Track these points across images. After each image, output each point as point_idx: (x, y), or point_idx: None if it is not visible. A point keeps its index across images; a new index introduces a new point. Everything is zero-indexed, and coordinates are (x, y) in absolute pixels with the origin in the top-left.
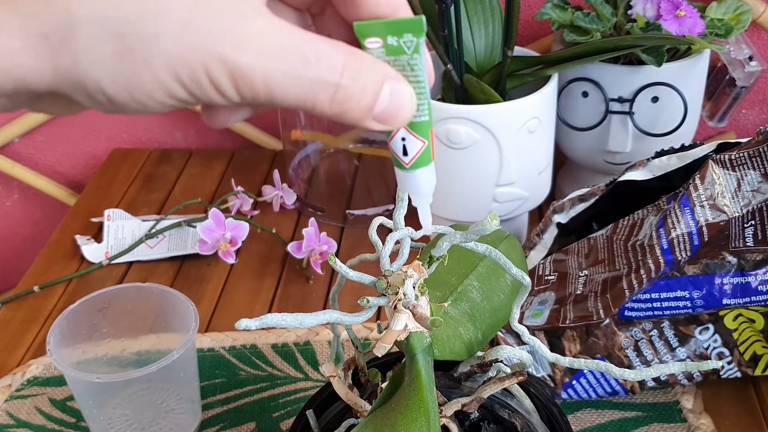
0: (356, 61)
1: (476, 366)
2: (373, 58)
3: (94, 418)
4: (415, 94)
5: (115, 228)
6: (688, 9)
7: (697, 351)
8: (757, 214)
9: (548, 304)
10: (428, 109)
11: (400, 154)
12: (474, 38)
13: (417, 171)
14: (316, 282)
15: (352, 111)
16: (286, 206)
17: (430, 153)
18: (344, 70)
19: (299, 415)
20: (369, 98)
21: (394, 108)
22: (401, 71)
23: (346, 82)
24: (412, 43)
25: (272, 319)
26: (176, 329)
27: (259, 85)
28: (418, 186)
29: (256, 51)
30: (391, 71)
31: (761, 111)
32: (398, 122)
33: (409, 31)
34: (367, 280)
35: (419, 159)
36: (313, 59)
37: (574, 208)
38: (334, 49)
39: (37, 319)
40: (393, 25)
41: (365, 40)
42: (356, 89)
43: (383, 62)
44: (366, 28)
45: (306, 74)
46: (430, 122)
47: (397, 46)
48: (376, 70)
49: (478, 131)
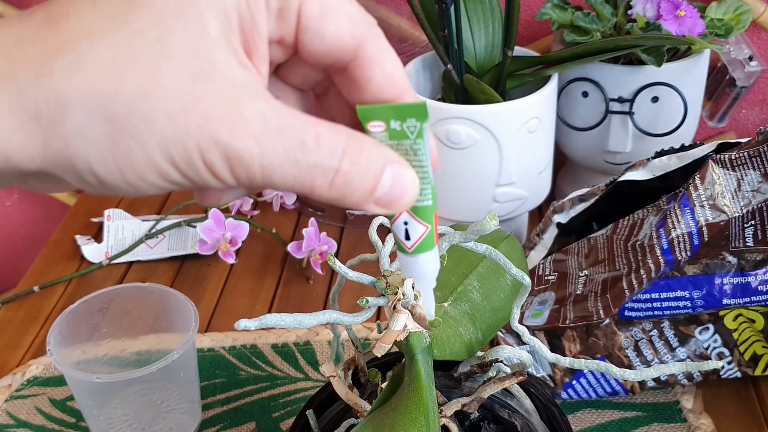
0: (357, 145)
1: (476, 366)
2: (374, 142)
3: (94, 418)
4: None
5: (115, 228)
6: (688, 9)
7: (697, 351)
8: (757, 214)
9: (548, 304)
10: (432, 193)
11: (402, 239)
12: (474, 38)
13: (420, 256)
14: (316, 282)
15: (351, 196)
16: (286, 206)
17: (433, 237)
18: (344, 155)
19: (299, 415)
20: (369, 183)
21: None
22: (404, 155)
23: (345, 166)
24: (416, 127)
25: (271, 320)
26: (176, 329)
27: (255, 170)
28: (421, 271)
29: (254, 135)
30: (393, 155)
31: (761, 111)
32: (400, 207)
33: (413, 116)
34: (367, 280)
35: (422, 244)
36: (312, 143)
37: (574, 208)
38: (334, 132)
39: (37, 319)
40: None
41: (368, 124)
42: (356, 174)
43: (385, 146)
44: (369, 112)
45: (304, 159)
46: (434, 207)
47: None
48: (377, 154)
49: (478, 131)
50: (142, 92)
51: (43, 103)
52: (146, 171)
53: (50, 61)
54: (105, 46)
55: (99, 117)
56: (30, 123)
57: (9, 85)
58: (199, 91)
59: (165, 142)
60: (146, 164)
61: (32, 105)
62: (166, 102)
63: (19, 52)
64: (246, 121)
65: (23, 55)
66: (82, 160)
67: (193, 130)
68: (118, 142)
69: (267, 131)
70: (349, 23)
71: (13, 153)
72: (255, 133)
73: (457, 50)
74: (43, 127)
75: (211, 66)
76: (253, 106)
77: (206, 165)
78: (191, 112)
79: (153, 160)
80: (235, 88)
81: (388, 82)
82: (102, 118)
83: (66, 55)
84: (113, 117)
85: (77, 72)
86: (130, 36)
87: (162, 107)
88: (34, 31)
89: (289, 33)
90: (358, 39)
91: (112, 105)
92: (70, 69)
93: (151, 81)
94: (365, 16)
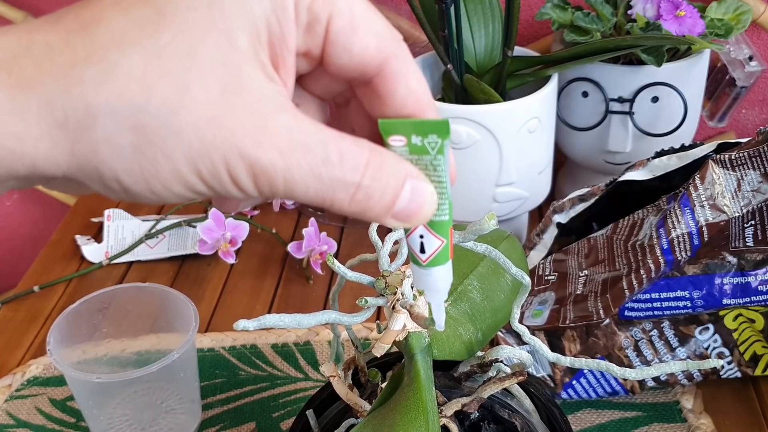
0: (378, 160)
1: (476, 366)
2: (395, 156)
3: (94, 418)
4: (437, 193)
5: (115, 228)
6: (688, 9)
7: (697, 351)
8: (757, 214)
9: (548, 304)
10: (449, 208)
11: (417, 251)
12: (474, 38)
13: (434, 269)
14: (316, 282)
15: (371, 210)
16: (286, 206)
17: (448, 252)
18: (366, 170)
19: (299, 415)
20: (389, 197)
21: (414, 207)
22: (423, 170)
23: (367, 181)
24: (437, 144)
25: (271, 320)
26: (176, 329)
27: (279, 183)
28: (434, 284)
29: (279, 148)
30: (413, 170)
31: (761, 111)
32: (418, 221)
33: (434, 132)
34: (366, 280)
35: (436, 257)
36: (336, 159)
37: (574, 208)
38: (357, 147)
39: (37, 319)
40: (419, 125)
41: (389, 138)
42: (377, 188)
43: (405, 160)
44: (391, 126)
45: (327, 174)
46: (451, 221)
47: (421, 146)
48: (397, 169)
49: (478, 131)
50: (171, 104)
51: (72, 111)
52: (172, 181)
53: (80, 70)
54: (136, 57)
55: (127, 127)
56: (58, 130)
57: (37, 92)
58: (227, 105)
59: (192, 153)
60: (172, 175)
61: (61, 113)
62: (195, 115)
63: (48, 59)
64: (271, 134)
65: (53, 62)
66: (108, 168)
67: (220, 143)
68: (146, 153)
69: (292, 146)
70: (377, 39)
71: (39, 160)
72: (280, 147)
73: (457, 50)
74: (71, 134)
75: (239, 80)
76: (278, 120)
77: (231, 177)
78: (219, 126)
79: (179, 171)
80: (262, 102)
81: (412, 97)
82: (130, 128)
83: (96, 64)
84: (142, 127)
85: (107, 82)
86: (160, 47)
87: (190, 120)
88: (63, 37)
89: (316, 46)
90: (384, 55)
91: (142, 116)
92: (100, 78)
93: (180, 93)
94: (392, 32)
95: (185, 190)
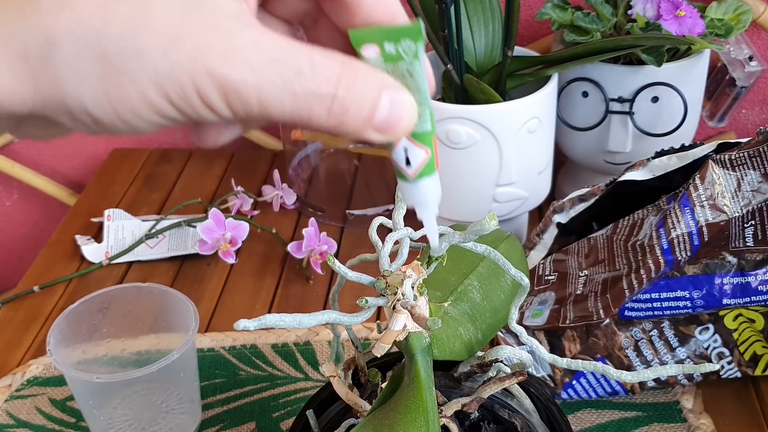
0: (352, 71)
1: (476, 366)
2: (369, 67)
3: (94, 418)
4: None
5: (115, 228)
6: (688, 9)
7: (697, 351)
8: (757, 214)
9: (548, 304)
10: (430, 117)
11: (402, 165)
12: (474, 38)
13: (421, 181)
14: (316, 282)
15: (349, 123)
16: (286, 206)
17: (434, 162)
18: (340, 81)
19: (299, 415)
20: (367, 109)
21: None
22: (400, 79)
23: (342, 93)
24: (411, 49)
25: (271, 320)
26: (176, 329)
27: (252, 100)
28: (423, 197)
29: (248, 64)
30: (389, 80)
31: (761, 111)
32: (399, 132)
33: (408, 37)
34: (366, 280)
35: (423, 169)
36: (308, 71)
37: (574, 208)
38: (329, 59)
39: (37, 319)
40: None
41: (361, 48)
42: (353, 100)
43: (381, 71)
44: (362, 35)
45: (301, 87)
46: (433, 130)
47: (396, 53)
48: (373, 79)
49: (478, 131)
50: (132, 27)
51: (32, 42)
52: (140, 107)
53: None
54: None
55: (89, 54)
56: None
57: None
58: (189, 24)
59: (158, 76)
60: (140, 100)
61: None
62: (157, 36)
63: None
64: (239, 50)
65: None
66: (74, 99)
67: (185, 62)
68: (111, 79)
69: (261, 60)
70: None
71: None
72: (250, 63)
73: (457, 50)
74: (33, 67)
75: None
76: (245, 35)
77: (201, 98)
78: (182, 45)
79: (147, 96)
80: (225, 18)
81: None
82: (93, 55)
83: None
84: (104, 53)
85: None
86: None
87: (153, 41)
88: None
89: None
90: None
91: (103, 41)
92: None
93: (140, 15)
94: None
95: (156, 116)
